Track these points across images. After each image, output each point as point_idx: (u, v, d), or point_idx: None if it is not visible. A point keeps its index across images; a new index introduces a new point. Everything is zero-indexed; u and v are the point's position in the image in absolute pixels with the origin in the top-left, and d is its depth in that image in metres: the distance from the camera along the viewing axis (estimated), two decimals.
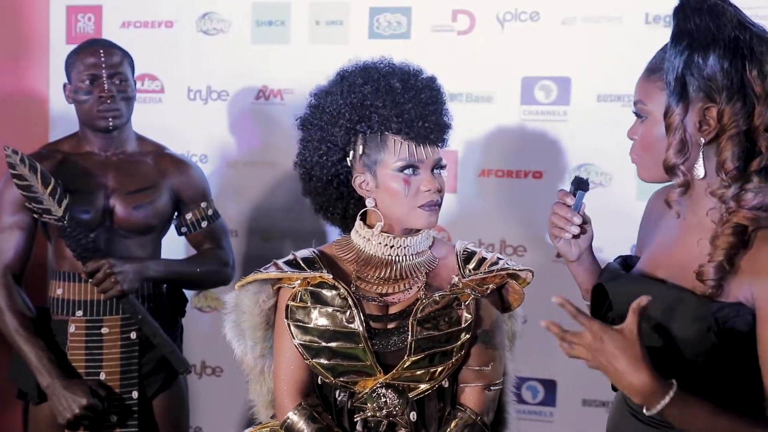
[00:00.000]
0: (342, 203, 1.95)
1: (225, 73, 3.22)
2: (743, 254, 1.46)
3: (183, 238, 2.74)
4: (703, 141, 1.48)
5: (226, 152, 3.25)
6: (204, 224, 2.68)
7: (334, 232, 2.11)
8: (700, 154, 1.50)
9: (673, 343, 1.50)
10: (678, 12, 1.50)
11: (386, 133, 1.83)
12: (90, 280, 2.42)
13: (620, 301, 1.58)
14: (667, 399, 1.40)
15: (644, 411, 1.43)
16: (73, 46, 2.61)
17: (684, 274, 1.53)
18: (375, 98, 1.82)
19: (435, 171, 1.85)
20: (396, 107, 1.81)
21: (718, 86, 1.45)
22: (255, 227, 3.25)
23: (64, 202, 2.39)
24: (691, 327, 1.48)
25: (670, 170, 1.52)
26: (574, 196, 1.76)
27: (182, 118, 3.24)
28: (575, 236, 1.77)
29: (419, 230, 1.90)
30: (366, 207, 1.89)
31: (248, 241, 3.25)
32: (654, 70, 1.56)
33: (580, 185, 1.76)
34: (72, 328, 2.49)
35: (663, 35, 1.55)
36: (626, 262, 1.74)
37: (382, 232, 1.88)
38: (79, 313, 2.50)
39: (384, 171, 1.84)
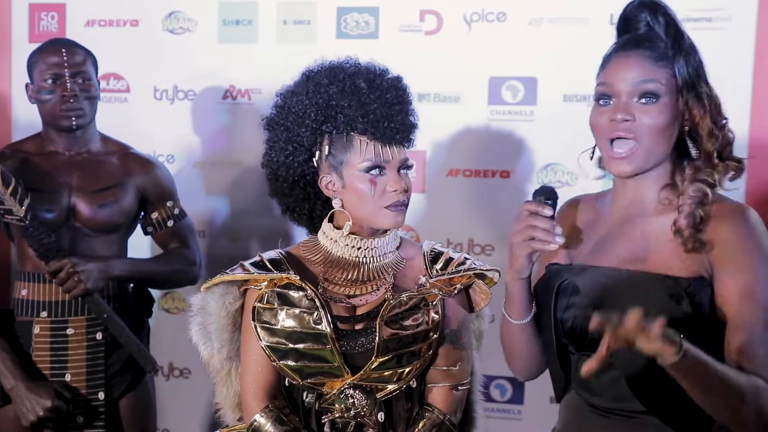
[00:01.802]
0: (308, 204, 1.95)
1: (191, 72, 3.19)
2: (704, 230, 1.58)
3: (150, 238, 2.72)
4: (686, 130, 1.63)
5: (193, 152, 3.22)
6: (170, 223, 2.66)
7: (301, 233, 2.10)
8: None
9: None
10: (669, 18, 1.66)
11: (352, 133, 1.82)
12: (53, 279, 2.40)
13: (594, 290, 1.62)
14: (680, 341, 1.40)
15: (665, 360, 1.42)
16: (36, 45, 2.59)
17: (636, 261, 1.62)
18: (340, 98, 1.82)
19: (402, 171, 1.85)
20: (361, 107, 1.81)
21: (692, 84, 1.62)
22: (222, 228, 3.23)
23: (26, 202, 2.36)
24: (669, 305, 1.54)
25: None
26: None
27: (148, 117, 3.21)
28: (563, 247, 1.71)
29: (386, 231, 1.90)
30: (333, 208, 1.88)
31: (215, 242, 3.23)
32: (660, 57, 1.61)
33: (551, 195, 1.65)
34: (36, 329, 2.47)
35: None
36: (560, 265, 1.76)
37: (350, 233, 1.88)
38: (44, 313, 2.47)
39: (350, 171, 1.83)
